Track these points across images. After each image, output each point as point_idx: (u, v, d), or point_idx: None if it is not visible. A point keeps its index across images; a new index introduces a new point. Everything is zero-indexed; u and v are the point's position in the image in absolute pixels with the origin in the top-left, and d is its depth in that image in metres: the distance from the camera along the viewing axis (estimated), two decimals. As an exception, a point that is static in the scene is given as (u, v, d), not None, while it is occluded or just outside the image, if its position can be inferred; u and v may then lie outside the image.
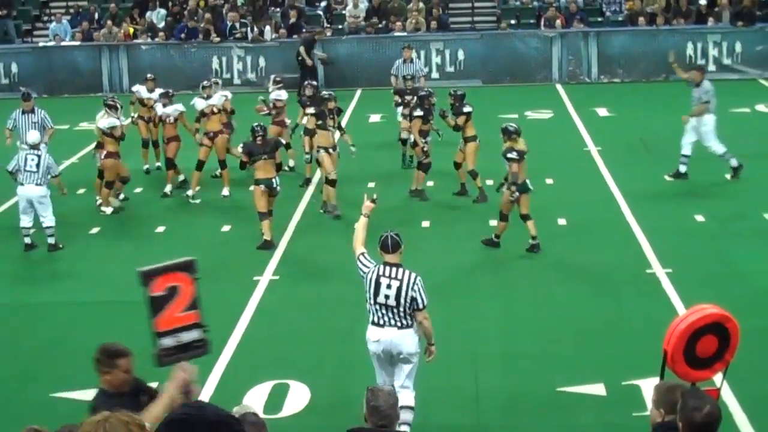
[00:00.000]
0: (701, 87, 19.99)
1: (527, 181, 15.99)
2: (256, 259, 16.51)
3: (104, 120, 19.11)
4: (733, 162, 19.92)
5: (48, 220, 17.33)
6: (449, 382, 12.06)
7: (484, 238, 16.63)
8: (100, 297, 15.38)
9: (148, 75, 22.17)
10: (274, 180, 16.97)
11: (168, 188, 20.32)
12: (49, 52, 32.40)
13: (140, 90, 21.86)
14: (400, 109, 21.46)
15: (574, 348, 13.00)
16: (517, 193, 15.79)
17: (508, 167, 15.94)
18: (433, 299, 14.57)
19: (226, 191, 19.95)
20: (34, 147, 17.64)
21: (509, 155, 15.84)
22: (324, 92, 19.99)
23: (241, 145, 17.54)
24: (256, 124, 17.46)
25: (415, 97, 20.04)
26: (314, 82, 21.60)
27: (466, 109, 18.68)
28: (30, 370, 13.04)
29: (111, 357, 7.74)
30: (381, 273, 10.22)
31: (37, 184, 17.24)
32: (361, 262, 10.41)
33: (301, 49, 29.79)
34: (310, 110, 19.58)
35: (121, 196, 19.82)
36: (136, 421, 3.56)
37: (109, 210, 19.20)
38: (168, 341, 6.68)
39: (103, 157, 19.16)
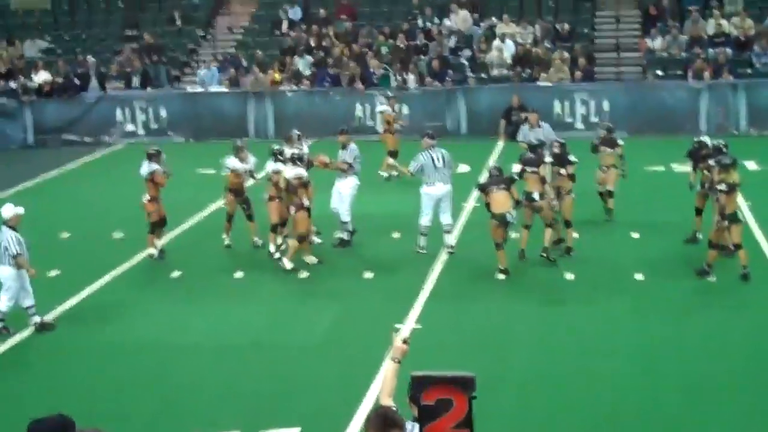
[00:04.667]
0: (347, 150, 19.70)
1: (737, 212, 16.93)
2: (396, 308, 16.38)
3: (290, 170, 18.27)
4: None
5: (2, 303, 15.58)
6: (587, 399, 12.38)
7: (697, 269, 17.21)
8: (241, 340, 15.46)
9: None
10: (508, 214, 17.34)
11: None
12: (196, 98, 33.08)
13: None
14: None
15: (724, 372, 13.39)
16: (726, 223, 16.70)
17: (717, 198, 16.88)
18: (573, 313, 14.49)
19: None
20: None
21: (719, 187, 16.80)
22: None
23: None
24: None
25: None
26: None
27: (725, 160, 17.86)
28: (170, 407, 13.19)
29: (385, 426, 6.90)
30: None
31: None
32: None
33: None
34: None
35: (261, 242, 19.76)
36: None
37: (309, 260, 18.63)
38: None
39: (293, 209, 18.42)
